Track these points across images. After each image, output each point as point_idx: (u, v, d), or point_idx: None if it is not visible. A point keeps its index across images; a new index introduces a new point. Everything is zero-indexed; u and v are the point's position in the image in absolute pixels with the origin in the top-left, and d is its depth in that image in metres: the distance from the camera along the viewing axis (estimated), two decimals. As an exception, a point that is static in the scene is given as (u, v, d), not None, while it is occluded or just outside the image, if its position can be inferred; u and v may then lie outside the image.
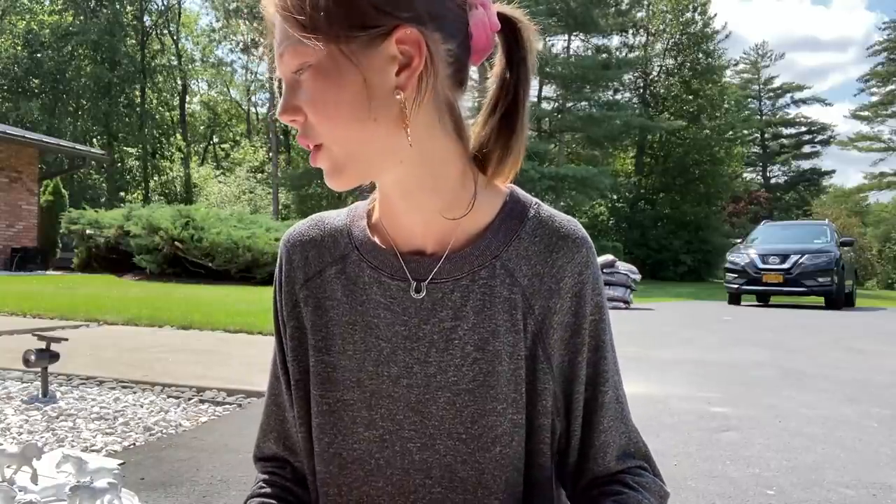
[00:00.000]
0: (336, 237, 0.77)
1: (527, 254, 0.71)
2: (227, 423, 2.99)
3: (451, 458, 0.69)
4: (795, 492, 2.27)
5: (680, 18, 32.12)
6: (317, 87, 0.63)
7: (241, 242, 12.11)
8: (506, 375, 0.69)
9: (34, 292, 8.62)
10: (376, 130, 0.64)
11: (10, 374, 3.82)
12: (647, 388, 4.05)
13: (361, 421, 0.71)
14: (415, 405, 0.70)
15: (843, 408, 3.62)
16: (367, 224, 0.76)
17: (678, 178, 31.42)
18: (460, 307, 0.70)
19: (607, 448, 0.73)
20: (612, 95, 29.84)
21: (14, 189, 14.71)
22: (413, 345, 0.70)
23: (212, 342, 5.21)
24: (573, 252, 0.71)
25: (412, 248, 0.72)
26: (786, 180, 44.74)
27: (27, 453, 1.46)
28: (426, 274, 0.71)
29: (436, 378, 0.70)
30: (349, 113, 0.63)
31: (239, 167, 32.89)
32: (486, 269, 0.70)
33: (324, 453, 0.73)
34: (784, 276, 11.96)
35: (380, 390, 0.71)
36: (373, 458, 0.71)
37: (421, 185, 0.69)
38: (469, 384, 0.69)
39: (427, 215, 0.71)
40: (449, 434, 0.69)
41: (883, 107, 39.15)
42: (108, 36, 30.57)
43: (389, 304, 0.71)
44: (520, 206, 0.74)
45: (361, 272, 0.73)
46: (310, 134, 0.65)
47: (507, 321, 0.69)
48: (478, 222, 0.72)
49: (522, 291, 0.70)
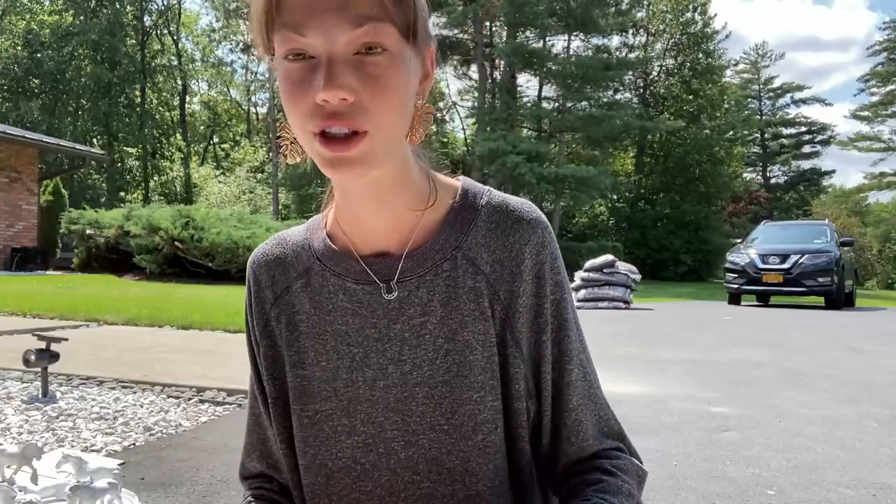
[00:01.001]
0: (298, 252, 0.77)
1: (485, 241, 0.72)
2: (227, 423, 2.98)
3: (436, 450, 0.70)
4: (795, 492, 2.27)
5: (680, 18, 32.11)
6: (394, 73, 0.61)
7: (241, 242, 12.11)
8: (479, 364, 0.69)
9: (34, 292, 8.62)
10: (405, 129, 0.66)
11: (10, 374, 3.82)
12: (646, 388, 4.05)
13: (343, 429, 0.72)
14: (394, 405, 0.71)
15: (843, 408, 3.62)
16: (325, 234, 0.76)
17: (678, 178, 31.42)
18: (427, 302, 0.70)
19: (579, 427, 0.73)
20: (613, 95, 29.83)
21: (14, 189, 14.71)
22: (385, 346, 0.71)
23: (212, 342, 5.21)
24: (529, 234, 0.72)
25: (374, 250, 0.73)
26: (786, 180, 44.73)
27: (27, 453, 1.46)
28: (391, 274, 0.71)
29: (412, 375, 0.70)
30: (403, 106, 0.64)
31: (239, 167, 32.88)
32: (448, 261, 0.71)
33: (310, 465, 0.74)
34: (784, 276, 11.96)
35: (357, 396, 0.72)
36: (358, 464, 0.72)
37: (393, 183, 0.69)
38: (444, 376, 0.69)
39: (395, 213, 0.71)
40: (431, 427, 0.70)
41: (883, 107, 39.12)
42: (108, 36, 30.56)
43: (357, 308, 0.72)
44: (472, 196, 0.75)
45: (326, 281, 0.74)
46: (358, 117, 0.60)
47: (475, 310, 0.70)
48: (435, 217, 0.73)
49: (486, 279, 0.71)
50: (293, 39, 0.59)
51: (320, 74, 0.59)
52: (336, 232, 0.75)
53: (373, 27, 0.59)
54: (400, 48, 0.61)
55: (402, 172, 0.70)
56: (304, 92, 0.60)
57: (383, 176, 0.67)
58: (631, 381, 4.28)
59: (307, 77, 0.60)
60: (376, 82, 0.60)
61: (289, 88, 0.61)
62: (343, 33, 0.59)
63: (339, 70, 0.59)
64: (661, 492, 2.27)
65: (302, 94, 0.60)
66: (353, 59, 0.60)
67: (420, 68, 0.67)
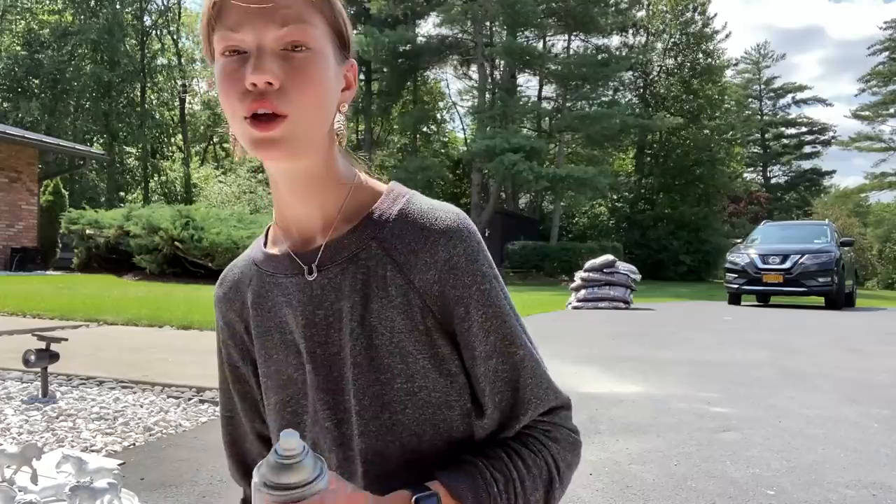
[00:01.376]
0: (244, 269, 0.86)
1: (401, 233, 0.76)
2: (227, 423, 2.98)
3: (357, 428, 0.75)
4: (795, 492, 2.27)
5: (680, 18, 32.11)
6: (315, 67, 0.70)
7: (241, 242, 12.10)
8: (385, 348, 0.74)
9: (34, 292, 8.62)
10: (326, 123, 0.75)
11: (10, 374, 3.82)
12: (647, 388, 4.05)
13: (301, 411, 0.79)
14: (323, 385, 0.76)
15: (843, 408, 3.62)
16: (263, 244, 0.85)
17: (678, 177, 31.40)
18: (345, 287, 0.76)
19: (530, 405, 0.76)
20: (612, 95, 29.83)
21: (14, 189, 14.71)
22: (312, 331, 0.77)
23: (212, 342, 5.20)
24: (445, 228, 0.75)
25: (304, 241, 0.79)
26: (786, 180, 44.70)
27: (27, 453, 1.46)
28: (313, 260, 0.78)
29: (337, 356, 0.76)
30: (325, 101, 0.72)
31: (240, 167, 32.86)
32: (364, 251, 0.76)
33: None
34: (784, 276, 11.95)
35: (300, 380, 0.79)
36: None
37: (318, 174, 0.76)
38: (357, 358, 0.74)
39: (321, 203, 0.78)
40: (352, 406, 0.75)
41: (884, 106, 39.06)
42: (107, 35, 30.53)
43: (289, 300, 0.79)
44: (395, 194, 0.80)
45: (263, 282, 0.82)
46: (280, 101, 0.68)
47: (384, 297, 0.74)
48: (359, 212, 0.79)
49: (399, 268, 0.75)
50: (228, 37, 0.69)
51: (250, 63, 0.68)
52: (276, 233, 0.84)
53: (297, 27, 0.69)
54: (322, 49, 0.71)
55: (326, 166, 0.77)
56: (236, 80, 0.68)
57: (310, 163, 0.75)
58: (631, 381, 4.28)
59: (239, 68, 0.68)
60: (298, 72, 0.69)
61: (224, 78, 0.70)
62: (270, 31, 0.68)
63: (266, 59, 0.68)
64: (661, 492, 2.27)
65: (234, 82, 0.68)
66: (280, 54, 0.69)
67: (342, 78, 0.76)
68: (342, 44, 0.75)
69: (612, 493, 2.26)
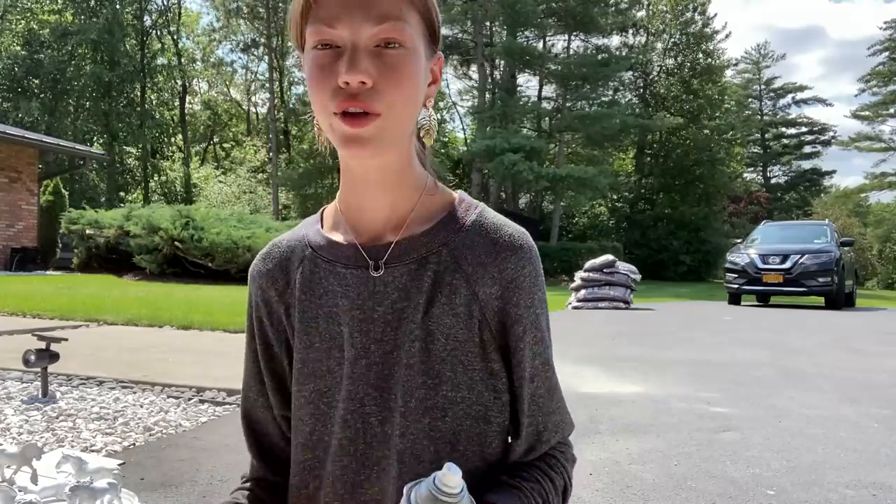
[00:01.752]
0: (294, 248, 0.84)
1: (472, 244, 0.77)
2: (227, 423, 2.98)
3: (397, 430, 0.75)
4: (795, 492, 2.27)
5: (680, 18, 32.10)
6: (408, 65, 0.70)
7: (241, 242, 12.11)
8: (438, 354, 0.74)
9: (34, 292, 8.62)
10: (413, 121, 0.75)
11: (10, 374, 3.82)
12: (647, 388, 4.05)
13: (333, 404, 0.78)
14: (374, 381, 0.76)
15: (843, 408, 3.62)
16: (319, 226, 0.84)
17: (678, 177, 31.39)
18: (408, 289, 0.76)
19: (553, 430, 0.80)
20: (612, 95, 29.83)
21: (14, 189, 14.71)
22: (368, 326, 0.76)
23: (212, 342, 5.21)
24: (516, 248, 0.77)
25: (370, 234, 0.79)
26: (786, 180, 44.67)
27: (27, 453, 1.46)
28: (380, 256, 0.77)
29: (392, 355, 0.75)
30: (415, 99, 0.73)
31: (240, 167, 32.87)
32: (433, 254, 0.76)
33: (306, 442, 0.80)
34: (784, 276, 11.95)
35: (343, 373, 0.77)
36: (336, 439, 0.77)
37: (397, 170, 0.77)
38: (410, 359, 0.75)
39: (394, 199, 0.78)
40: (398, 408, 0.75)
41: (884, 106, 39.03)
42: (107, 35, 30.53)
43: (346, 291, 0.77)
44: (468, 204, 0.82)
45: (317, 268, 0.80)
46: (373, 100, 0.68)
47: (446, 304, 0.75)
48: (430, 214, 0.79)
49: (466, 279, 0.75)
50: (323, 31, 0.69)
51: (344, 60, 0.68)
52: (338, 220, 0.83)
53: (392, 25, 0.68)
54: (415, 46, 0.71)
55: (405, 163, 0.77)
56: (329, 76, 0.68)
57: (390, 160, 0.75)
58: (631, 381, 4.28)
59: (332, 63, 0.68)
60: (392, 70, 0.69)
61: (316, 72, 0.69)
62: (367, 28, 0.68)
63: (361, 57, 0.67)
64: (661, 492, 2.27)
65: (326, 77, 0.68)
66: (373, 51, 0.68)
67: (429, 72, 0.76)
68: (432, 37, 0.75)
69: (612, 493, 2.26)
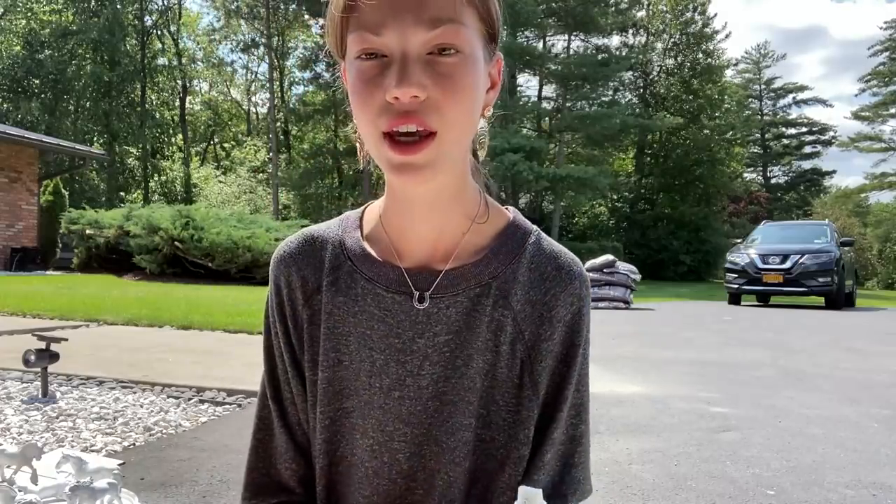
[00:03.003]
0: (329, 250, 0.76)
1: (522, 279, 0.71)
2: (227, 423, 2.98)
3: (433, 465, 0.71)
4: (795, 492, 2.27)
5: (680, 18, 32.11)
6: (466, 74, 0.61)
7: (241, 242, 12.10)
8: (478, 392, 0.69)
9: (34, 292, 8.62)
10: (472, 136, 0.67)
11: (10, 374, 3.82)
12: (647, 388, 4.05)
13: (357, 429, 0.72)
14: (405, 417, 0.70)
15: (843, 408, 3.62)
16: (359, 235, 0.75)
17: (678, 178, 31.41)
18: (454, 322, 0.70)
19: (575, 487, 0.73)
20: (612, 95, 29.84)
21: (14, 189, 14.70)
22: (406, 357, 0.70)
23: (212, 342, 5.20)
24: (567, 283, 0.71)
25: (414, 259, 0.72)
26: (786, 180, 44.68)
27: (27, 453, 1.45)
28: (427, 287, 0.71)
29: (427, 389, 0.70)
30: (474, 112, 0.64)
31: (240, 167, 32.88)
32: (482, 287, 0.70)
33: (329, 464, 0.74)
34: (784, 276, 11.95)
35: (372, 401, 0.71)
36: (363, 467, 0.72)
37: (451, 193, 0.69)
38: (454, 396, 0.70)
39: (444, 224, 0.71)
40: (436, 442, 0.70)
41: (884, 107, 39.03)
42: (108, 35, 30.55)
43: (384, 316, 0.71)
44: (521, 232, 0.74)
45: (355, 283, 0.73)
46: (429, 115, 0.60)
47: (490, 340, 0.70)
48: (480, 242, 0.72)
49: (514, 316, 0.70)
50: (368, 39, 0.60)
51: (392, 72, 0.59)
52: (378, 235, 0.75)
53: (448, 29, 0.59)
54: (473, 51, 0.62)
55: (460, 184, 0.70)
56: (376, 89, 0.60)
57: (444, 183, 0.67)
58: (631, 381, 4.28)
59: (379, 75, 0.60)
60: (449, 81, 0.60)
61: (360, 86, 0.61)
62: (419, 34, 0.59)
63: (412, 68, 0.59)
64: (661, 492, 2.27)
65: (373, 91, 0.60)
66: (425, 59, 0.60)
67: (488, 77, 0.67)
68: (492, 37, 0.66)
69: (612, 493, 2.25)
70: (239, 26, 33.61)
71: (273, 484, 0.77)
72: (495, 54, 0.68)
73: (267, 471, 0.78)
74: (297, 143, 33.52)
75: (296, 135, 33.58)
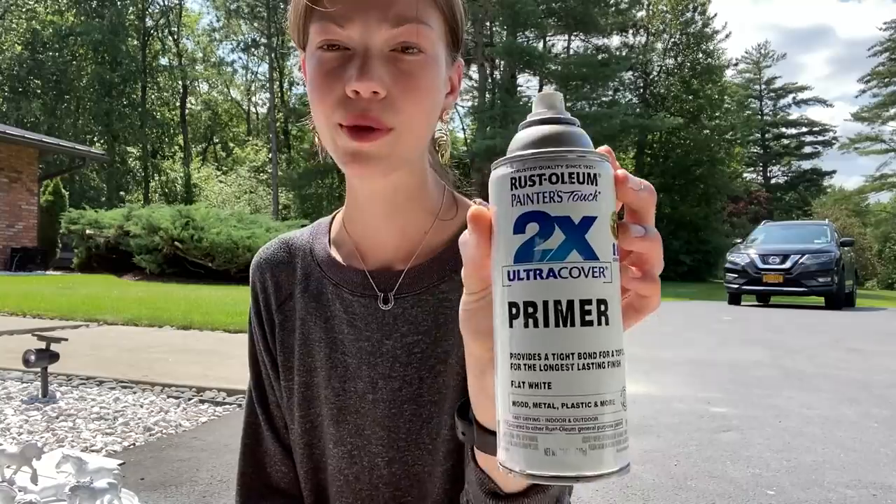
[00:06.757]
0: (301, 256, 0.76)
1: None
2: (227, 423, 2.98)
3: (419, 468, 0.69)
4: (795, 492, 2.27)
5: (680, 18, 32.12)
6: (426, 74, 0.61)
7: (241, 242, 12.10)
8: (458, 390, 0.67)
9: (34, 292, 8.62)
10: (428, 137, 0.66)
11: (10, 374, 3.82)
12: (647, 388, 4.05)
13: (331, 437, 0.72)
14: (381, 420, 0.69)
15: (843, 408, 3.62)
16: (328, 241, 0.76)
17: (678, 178, 31.40)
18: (421, 322, 0.69)
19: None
20: (612, 95, 29.85)
21: (14, 189, 14.71)
22: (376, 360, 0.70)
23: (212, 342, 5.20)
24: None
25: (378, 260, 0.72)
26: (786, 181, 44.68)
27: (27, 453, 1.46)
28: (390, 287, 0.70)
29: (401, 392, 0.69)
30: (432, 112, 0.64)
31: (240, 167, 32.89)
32: (445, 282, 0.69)
33: (308, 472, 0.74)
34: (784, 276, 11.95)
35: (346, 406, 0.71)
36: (342, 475, 0.72)
37: (409, 191, 0.69)
38: (434, 396, 0.68)
39: (405, 223, 0.70)
40: (416, 445, 0.69)
41: (884, 107, 39.01)
42: (109, 36, 30.57)
43: (352, 320, 0.71)
44: None
45: (323, 289, 0.73)
46: (384, 113, 0.59)
47: (459, 336, 0.68)
48: (441, 236, 0.71)
49: None
50: (332, 30, 0.59)
51: (354, 65, 0.58)
52: (342, 238, 0.75)
53: (412, 28, 0.59)
54: (436, 53, 0.62)
55: (419, 182, 0.69)
56: (335, 81, 0.59)
57: (401, 181, 0.67)
58: (631, 381, 4.28)
59: (340, 67, 0.59)
60: (409, 79, 0.60)
61: (320, 77, 0.60)
62: (383, 30, 0.59)
63: (374, 63, 0.58)
64: (661, 492, 2.27)
65: (332, 83, 0.59)
66: (388, 56, 0.60)
67: (448, 81, 0.67)
68: (454, 41, 0.66)
69: (612, 493, 2.26)
70: (239, 26, 33.63)
71: (264, 487, 0.78)
72: (457, 59, 0.68)
73: (258, 474, 0.79)
74: (297, 143, 33.52)
75: (296, 135, 33.57)
